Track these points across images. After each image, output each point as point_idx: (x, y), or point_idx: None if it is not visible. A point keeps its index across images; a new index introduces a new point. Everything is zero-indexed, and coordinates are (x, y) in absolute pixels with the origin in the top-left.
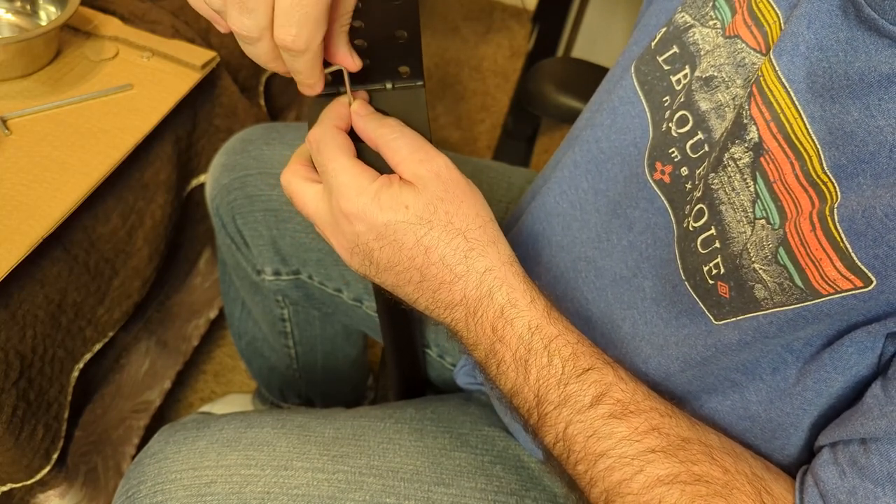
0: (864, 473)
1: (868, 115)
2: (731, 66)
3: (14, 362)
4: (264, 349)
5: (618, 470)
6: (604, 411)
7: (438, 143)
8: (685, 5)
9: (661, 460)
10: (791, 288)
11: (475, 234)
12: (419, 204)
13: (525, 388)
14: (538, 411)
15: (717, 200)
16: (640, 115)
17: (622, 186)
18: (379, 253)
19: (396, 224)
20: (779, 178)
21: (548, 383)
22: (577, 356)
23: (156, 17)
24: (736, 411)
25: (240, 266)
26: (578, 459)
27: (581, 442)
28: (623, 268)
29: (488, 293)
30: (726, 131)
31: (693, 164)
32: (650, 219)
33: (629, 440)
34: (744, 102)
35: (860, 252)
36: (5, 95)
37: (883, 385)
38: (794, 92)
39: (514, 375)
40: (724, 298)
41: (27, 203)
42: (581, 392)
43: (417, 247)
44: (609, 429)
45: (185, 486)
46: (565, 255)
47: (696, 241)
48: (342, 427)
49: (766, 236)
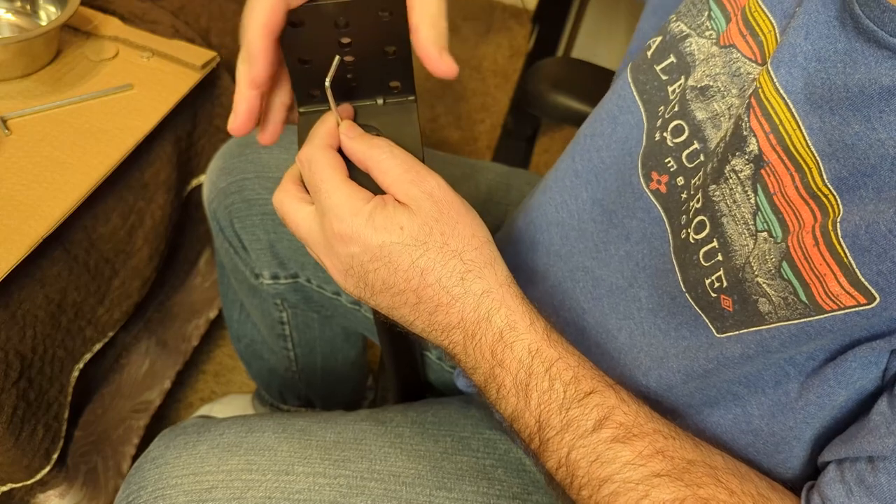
0: (872, 492)
1: (869, 128)
2: (727, 75)
3: (14, 362)
4: (263, 351)
5: (622, 495)
6: (607, 435)
7: (438, 144)
8: (680, 14)
9: (666, 484)
10: (796, 303)
11: (471, 256)
12: (414, 225)
13: (526, 414)
14: (540, 437)
15: (719, 213)
16: (639, 124)
17: (619, 196)
18: (374, 275)
19: (391, 245)
20: (779, 191)
21: (549, 408)
22: (579, 380)
23: (156, 17)
24: (738, 425)
25: (238, 269)
26: (582, 485)
27: (584, 467)
28: (619, 278)
29: (486, 316)
30: (723, 141)
31: (689, 173)
32: (646, 228)
33: (633, 464)
34: (743, 114)
35: (864, 268)
36: (5, 95)
37: (889, 402)
38: (793, 103)
39: (514, 400)
40: (727, 311)
41: (27, 203)
42: (583, 416)
43: (413, 268)
44: (612, 453)
45: (185, 491)
46: (563, 264)
47: (697, 253)
48: (343, 431)
49: (768, 249)
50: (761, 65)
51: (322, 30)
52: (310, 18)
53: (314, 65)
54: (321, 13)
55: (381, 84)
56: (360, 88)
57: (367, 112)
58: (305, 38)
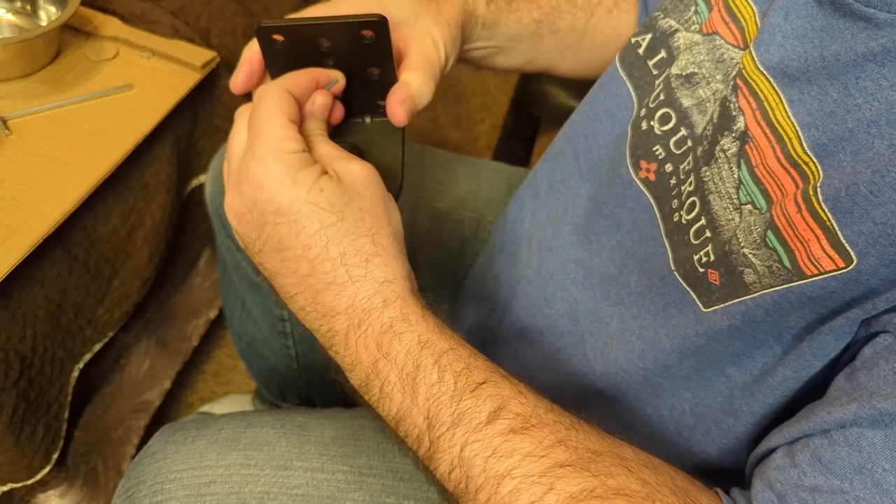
0: (830, 469)
1: (846, 95)
2: (711, 62)
3: (14, 362)
4: (264, 349)
5: (525, 491)
6: (503, 427)
7: (438, 144)
8: (666, 10)
9: (571, 475)
10: (779, 270)
11: (384, 241)
12: (335, 192)
13: (413, 410)
14: (429, 436)
15: (707, 191)
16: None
17: (609, 188)
18: (272, 230)
19: (304, 205)
20: (760, 163)
21: (439, 402)
22: (471, 370)
23: (156, 17)
24: (723, 407)
25: (240, 266)
26: (479, 486)
27: (479, 465)
28: (611, 266)
29: (381, 305)
30: (710, 124)
31: (677, 159)
32: (636, 217)
33: (534, 456)
34: (730, 95)
35: (846, 230)
36: (5, 95)
37: (848, 375)
38: (773, 78)
39: (399, 397)
40: (714, 285)
41: (27, 203)
42: (476, 408)
43: (318, 236)
44: (510, 446)
45: (184, 485)
46: (554, 257)
47: (688, 232)
48: (342, 427)
49: (753, 221)
50: (743, 49)
51: (303, 48)
52: (289, 36)
53: None
54: (300, 32)
55: (368, 104)
56: (348, 107)
57: (354, 130)
58: (288, 55)
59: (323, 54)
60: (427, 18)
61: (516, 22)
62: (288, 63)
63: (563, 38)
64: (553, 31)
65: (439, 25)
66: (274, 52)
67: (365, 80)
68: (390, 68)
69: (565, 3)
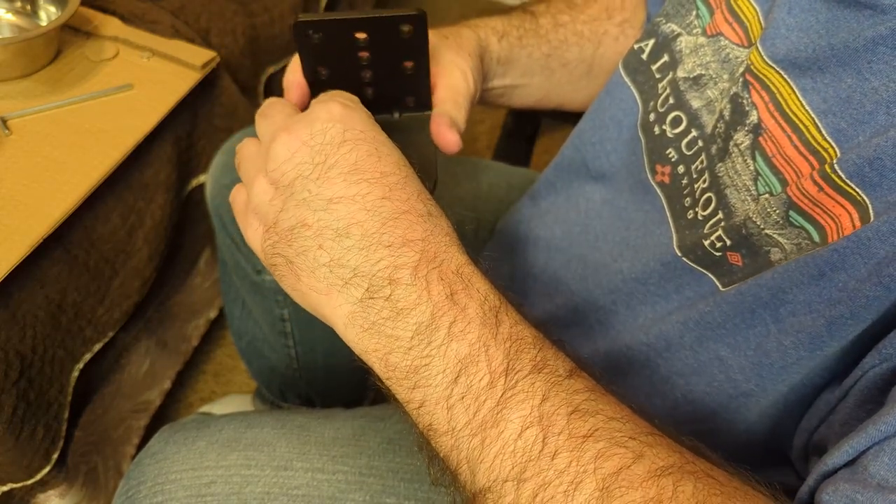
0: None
1: (861, 79)
2: (717, 62)
3: (14, 362)
4: (264, 349)
5: (613, 457)
6: (582, 385)
7: None
8: (668, 15)
9: (660, 445)
10: (809, 246)
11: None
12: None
13: (492, 348)
14: (504, 382)
15: (723, 185)
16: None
17: (631, 194)
18: (349, 150)
19: (384, 139)
20: (777, 153)
21: (522, 341)
22: (545, 328)
23: (156, 17)
24: (725, 390)
25: (240, 266)
26: (558, 448)
27: (561, 423)
28: (608, 258)
29: (456, 245)
30: (721, 121)
31: (689, 160)
32: (647, 217)
33: (619, 420)
34: (741, 91)
35: (877, 202)
36: (5, 95)
37: None
38: (782, 70)
39: (477, 332)
40: (736, 266)
41: (27, 203)
42: (556, 360)
43: (398, 168)
44: (594, 405)
45: (185, 486)
46: (560, 255)
47: (703, 227)
48: (342, 427)
49: (769, 203)
50: (748, 48)
51: (341, 43)
52: (329, 31)
53: (331, 77)
54: (339, 27)
55: (397, 98)
56: (376, 102)
57: (383, 126)
58: (323, 51)
59: (359, 47)
60: (450, 52)
61: (527, 57)
62: (323, 55)
63: (573, 70)
64: (563, 63)
65: (462, 57)
66: (309, 46)
67: (397, 74)
68: (424, 62)
69: (572, 36)
